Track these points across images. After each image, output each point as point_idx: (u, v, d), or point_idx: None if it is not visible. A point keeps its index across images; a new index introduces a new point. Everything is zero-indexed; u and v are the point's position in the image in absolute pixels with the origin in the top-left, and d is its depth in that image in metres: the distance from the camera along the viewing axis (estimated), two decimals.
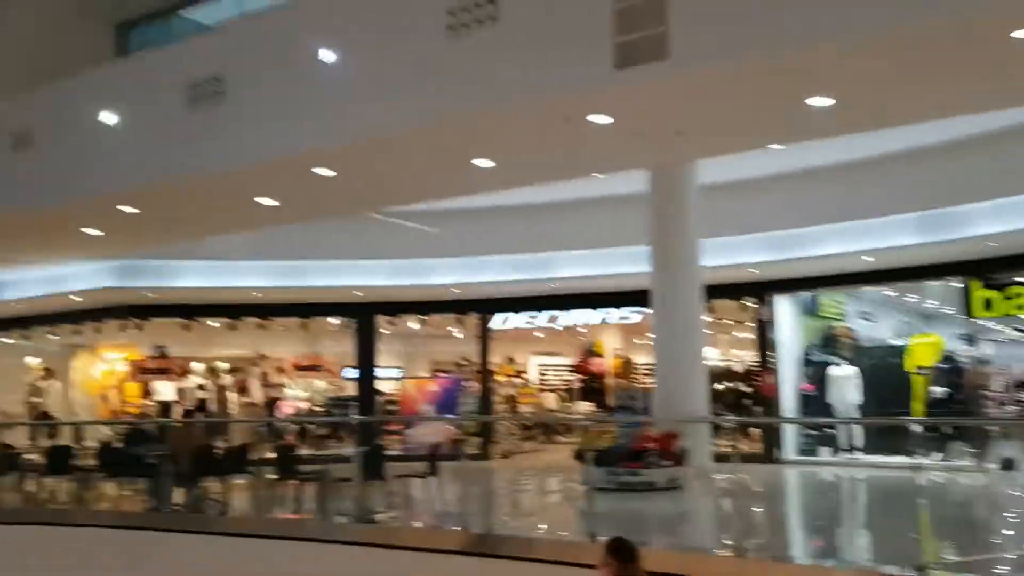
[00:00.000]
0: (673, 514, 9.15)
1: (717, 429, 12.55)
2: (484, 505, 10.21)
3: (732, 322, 15.97)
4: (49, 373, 17.06)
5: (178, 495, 9.55)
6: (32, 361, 17.48)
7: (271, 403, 16.45)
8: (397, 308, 16.48)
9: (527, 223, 14.10)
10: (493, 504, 10.69)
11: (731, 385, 15.64)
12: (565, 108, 6.93)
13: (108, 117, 9.43)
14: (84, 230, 11.42)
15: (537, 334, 18.58)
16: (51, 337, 16.93)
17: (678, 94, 6.65)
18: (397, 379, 17.76)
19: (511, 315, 16.64)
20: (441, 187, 10.05)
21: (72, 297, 15.24)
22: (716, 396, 13.93)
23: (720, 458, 11.21)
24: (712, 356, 15.16)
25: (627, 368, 18.75)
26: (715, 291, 12.62)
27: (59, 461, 10.08)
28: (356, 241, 14.62)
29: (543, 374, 20.37)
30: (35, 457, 11.19)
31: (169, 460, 9.29)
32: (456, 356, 17.96)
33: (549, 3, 6.65)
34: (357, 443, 12.11)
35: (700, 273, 11.56)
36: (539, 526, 8.92)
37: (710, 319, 13.20)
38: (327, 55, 7.89)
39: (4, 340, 17.74)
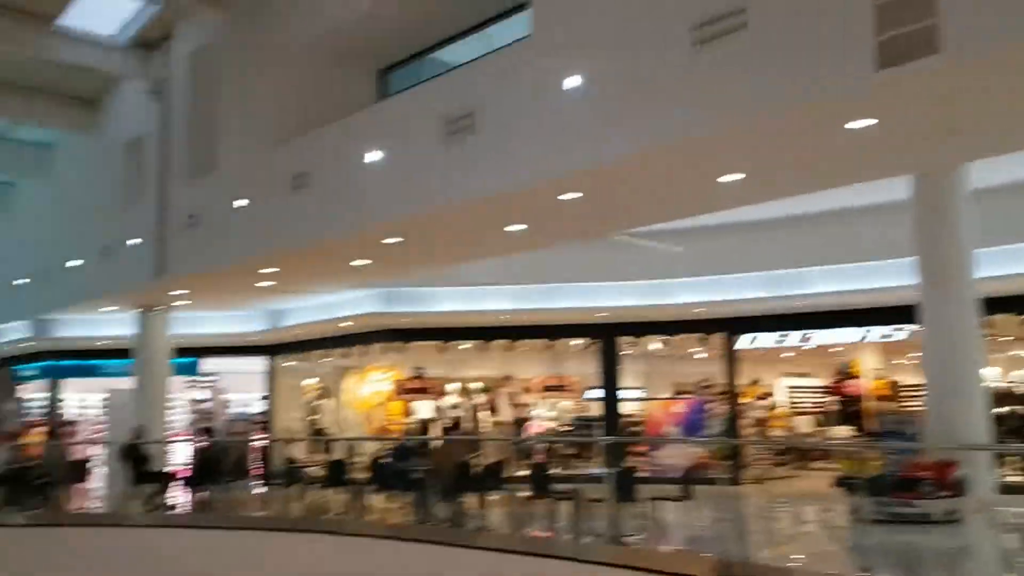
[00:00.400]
0: (952, 550, 8.33)
1: (1001, 457, 11.32)
2: (737, 531, 9.84)
3: (1014, 339, 14.39)
4: (324, 393, 18.65)
5: (441, 509, 10.03)
6: (309, 382, 19.21)
7: (520, 422, 16.93)
8: (640, 328, 16.44)
9: (777, 237, 13.58)
10: (746, 530, 10.29)
11: (1016, 408, 14.05)
12: (823, 115, 6.60)
13: (373, 155, 10.24)
14: (353, 261, 12.44)
15: (787, 354, 17.74)
16: (324, 360, 18.52)
17: (951, 90, 6.10)
18: (640, 400, 17.66)
19: (759, 334, 16.05)
20: (688, 205, 9.93)
21: (342, 323, 16.61)
22: (998, 420, 12.57)
23: (1006, 489, 10.09)
24: (992, 377, 13.72)
25: (893, 390, 17.40)
26: (994, 305, 11.43)
27: (336, 474, 10.94)
28: (600, 262, 14.80)
29: (793, 396, 19.38)
30: (315, 470, 12.19)
31: (432, 475, 9.81)
32: (699, 377, 17.58)
33: (801, 6, 6.37)
34: (604, 464, 12.13)
35: (975, 286, 10.51)
36: (796, 556, 8.45)
37: (988, 336, 11.95)
38: (571, 81, 8.08)
39: (286, 363, 19.66)
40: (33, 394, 21.36)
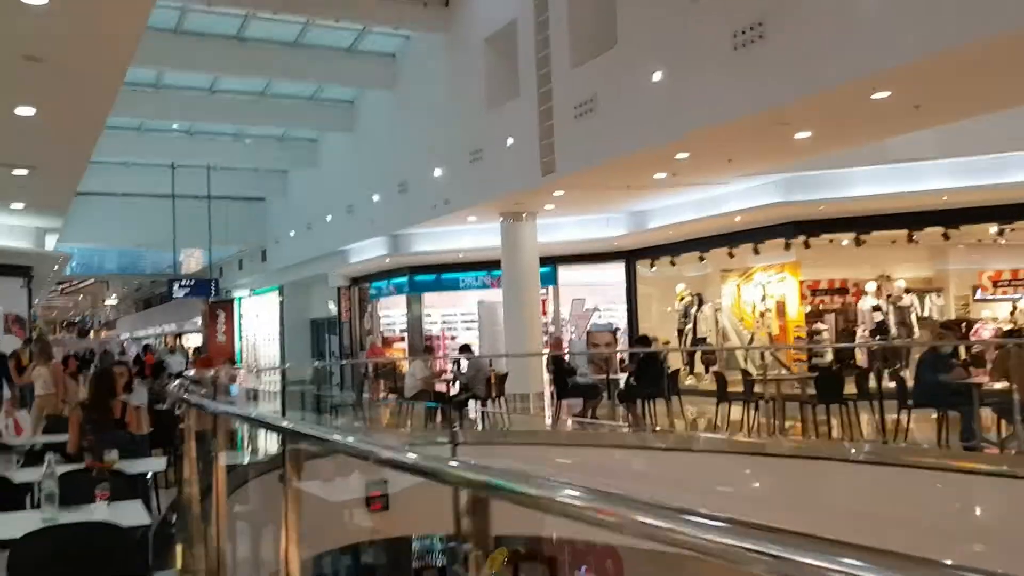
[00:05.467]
0: None
1: None
2: None
3: None
4: (698, 299, 16.92)
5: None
6: (680, 288, 17.53)
7: (961, 324, 14.11)
8: None
9: None
10: None
11: None
12: None
13: None
14: (797, 135, 10.35)
15: None
16: (700, 261, 16.71)
17: None
18: None
19: None
20: None
21: (733, 218, 14.62)
22: None
23: None
24: None
25: None
26: None
27: (829, 390, 9.06)
28: None
29: None
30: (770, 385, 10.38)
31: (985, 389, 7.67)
32: None
33: None
34: None
35: None
36: None
37: None
38: None
39: (650, 269, 18.09)
40: (392, 310, 21.63)
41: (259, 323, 32.45)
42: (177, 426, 7.68)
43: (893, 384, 9.45)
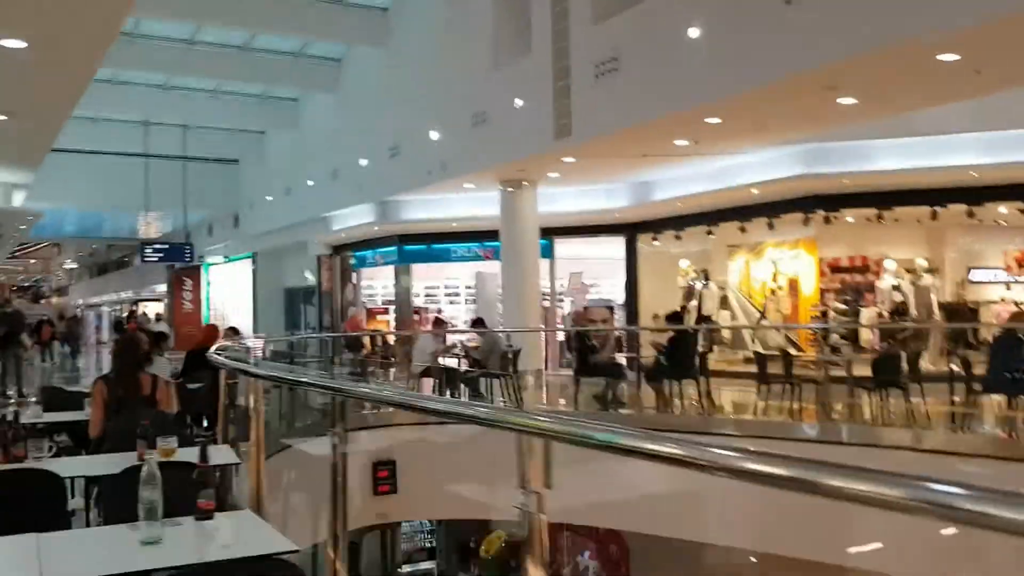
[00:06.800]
0: None
1: None
2: None
3: None
4: (704, 275, 16.30)
5: None
6: (683, 264, 16.90)
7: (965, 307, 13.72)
8: None
9: None
10: None
11: None
12: None
13: None
14: (841, 100, 9.67)
15: None
16: (709, 236, 16.04)
17: None
18: None
19: None
20: None
21: (750, 190, 13.96)
22: None
23: None
24: None
25: None
26: None
27: (887, 373, 8.47)
28: None
29: None
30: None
31: None
32: None
33: None
34: None
35: None
36: None
37: None
38: None
39: (652, 243, 17.43)
40: (375, 280, 20.78)
41: (229, 291, 31.31)
42: (195, 403, 6.87)
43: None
